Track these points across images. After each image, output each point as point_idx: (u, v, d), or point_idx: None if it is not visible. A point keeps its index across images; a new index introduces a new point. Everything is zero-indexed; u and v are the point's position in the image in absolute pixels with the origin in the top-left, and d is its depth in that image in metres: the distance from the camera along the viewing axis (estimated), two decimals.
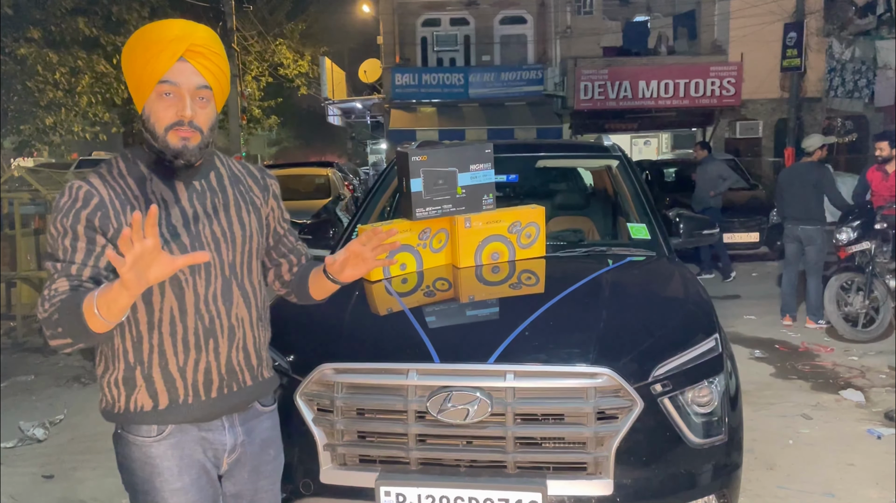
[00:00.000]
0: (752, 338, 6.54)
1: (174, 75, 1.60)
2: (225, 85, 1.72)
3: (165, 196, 1.67)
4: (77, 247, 1.57)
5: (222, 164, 1.83)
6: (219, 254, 1.71)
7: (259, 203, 1.84)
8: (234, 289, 1.73)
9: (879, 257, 6.43)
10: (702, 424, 2.39)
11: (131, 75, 1.65)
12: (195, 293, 1.66)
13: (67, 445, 4.37)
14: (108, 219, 1.60)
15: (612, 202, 4.43)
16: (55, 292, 1.51)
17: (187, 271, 1.65)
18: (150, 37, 1.62)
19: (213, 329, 1.69)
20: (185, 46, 1.60)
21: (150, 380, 1.66)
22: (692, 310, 2.74)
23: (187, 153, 1.63)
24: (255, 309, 1.78)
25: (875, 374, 5.44)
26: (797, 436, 4.29)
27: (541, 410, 2.26)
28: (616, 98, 17.43)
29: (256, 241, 1.81)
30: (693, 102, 17.40)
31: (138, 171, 1.68)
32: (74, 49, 12.65)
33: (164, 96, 1.60)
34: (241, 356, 1.75)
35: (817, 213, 6.86)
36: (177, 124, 1.61)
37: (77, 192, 1.61)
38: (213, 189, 1.74)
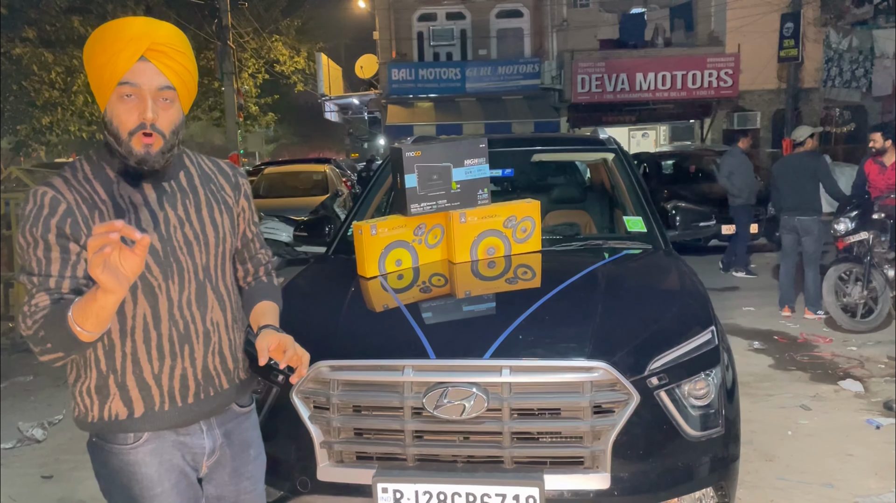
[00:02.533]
0: (750, 330, 6.54)
1: (135, 76, 1.52)
2: (191, 85, 1.64)
3: (134, 199, 1.61)
4: (51, 257, 1.52)
5: (192, 162, 1.76)
6: (191, 258, 1.66)
7: (231, 202, 1.79)
8: (209, 292, 1.69)
9: (877, 247, 6.42)
10: (699, 417, 2.38)
11: (92, 76, 1.57)
12: (168, 299, 1.62)
13: (66, 445, 4.37)
14: (78, 225, 1.54)
15: (609, 195, 4.43)
16: (36, 308, 1.47)
17: (160, 276, 1.60)
18: (109, 35, 1.54)
19: (188, 335, 1.65)
20: (145, 45, 1.52)
21: (125, 389, 1.62)
22: (688, 302, 2.74)
23: (151, 160, 1.57)
24: (229, 311, 1.75)
25: (874, 365, 5.44)
26: (796, 426, 4.29)
27: (537, 405, 2.25)
28: (613, 91, 17.42)
29: (230, 242, 1.76)
30: (690, 94, 17.39)
31: (104, 175, 1.61)
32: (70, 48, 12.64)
33: (125, 98, 1.53)
34: (216, 361, 1.72)
35: (813, 203, 6.86)
36: (139, 128, 1.54)
37: (42, 198, 1.54)
38: (183, 190, 1.69)
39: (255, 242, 1.90)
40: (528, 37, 20.70)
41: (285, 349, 1.67)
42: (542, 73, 18.47)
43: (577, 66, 17.34)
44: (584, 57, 17.58)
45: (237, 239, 1.82)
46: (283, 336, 1.69)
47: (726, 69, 17.13)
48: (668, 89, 17.34)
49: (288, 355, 1.66)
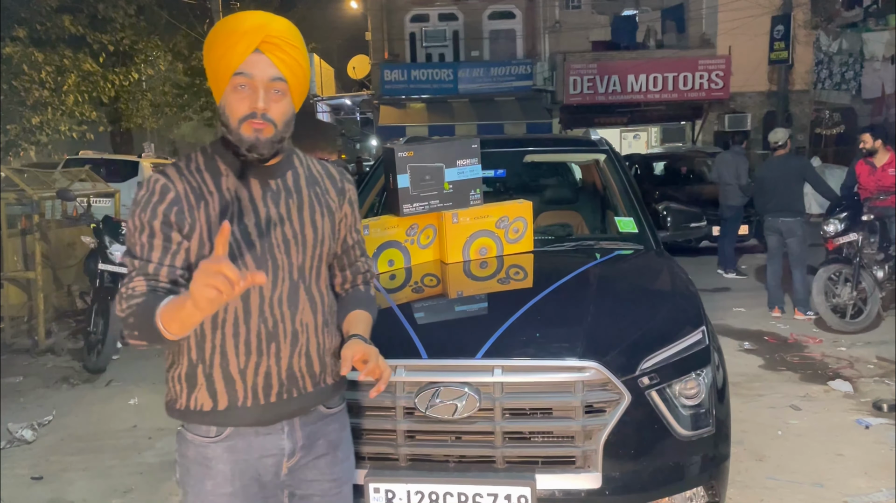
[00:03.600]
0: (741, 331, 6.58)
1: (248, 67, 1.56)
2: (303, 79, 1.66)
3: (240, 194, 1.64)
4: (154, 244, 1.56)
5: (301, 163, 1.77)
6: (288, 257, 1.66)
7: (334, 206, 1.78)
8: (301, 293, 1.68)
9: (867, 249, 6.47)
10: (689, 417, 2.39)
11: (209, 67, 1.62)
12: (261, 295, 1.63)
13: (56, 446, 4.35)
14: (183, 214, 1.58)
15: (600, 196, 4.44)
16: (132, 292, 1.52)
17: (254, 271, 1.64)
18: (226, 28, 1.59)
19: (276, 333, 1.65)
20: (260, 38, 1.57)
21: (211, 380, 1.64)
22: (679, 302, 2.75)
23: (260, 145, 1.58)
24: (321, 314, 1.73)
25: (863, 365, 5.48)
26: (786, 426, 4.31)
27: (529, 405, 2.26)
28: (605, 92, 17.47)
29: (328, 246, 1.75)
30: (682, 96, 17.46)
31: (215, 167, 1.65)
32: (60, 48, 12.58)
33: (239, 88, 1.57)
34: (302, 362, 1.69)
35: (796, 204, 6.92)
36: (250, 116, 1.57)
37: (154, 185, 1.59)
38: (288, 189, 1.70)
39: (356, 250, 1.89)
40: (521, 38, 20.73)
41: (367, 360, 1.65)
42: (535, 74, 18.50)
43: (570, 67, 17.38)
44: (576, 58, 17.63)
45: (337, 244, 1.81)
46: (369, 347, 1.68)
47: (717, 71, 17.21)
48: (660, 91, 17.40)
49: (369, 367, 1.64)
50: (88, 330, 5.79)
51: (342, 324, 1.81)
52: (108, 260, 5.91)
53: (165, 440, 4.38)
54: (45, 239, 6.57)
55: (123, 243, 5.96)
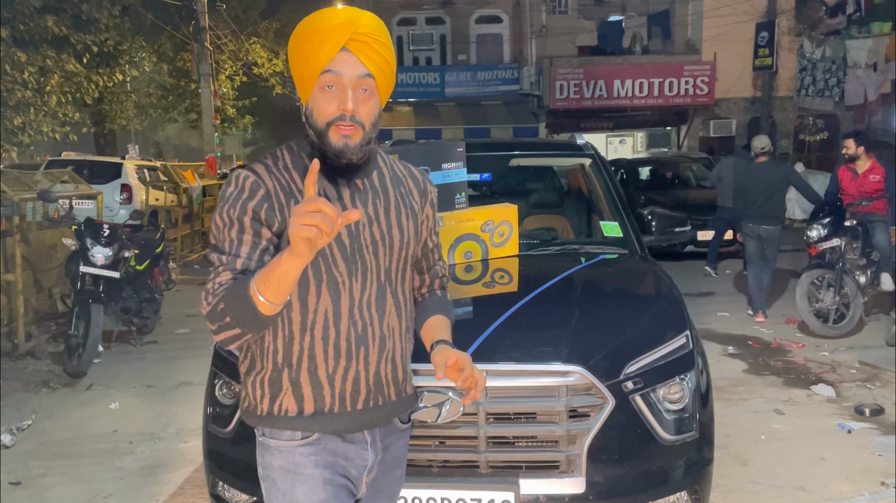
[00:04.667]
0: (725, 335, 6.61)
1: (337, 65, 1.51)
2: (390, 76, 1.61)
3: (328, 193, 1.58)
4: (243, 239, 1.51)
5: (385, 163, 1.72)
6: (376, 259, 1.60)
7: (417, 208, 1.72)
8: (388, 296, 1.63)
9: (849, 254, 6.52)
10: (673, 421, 2.39)
11: (295, 69, 1.57)
12: (350, 297, 1.57)
13: (35, 451, 4.29)
14: (273, 211, 1.53)
15: (586, 200, 4.44)
16: (219, 286, 1.46)
17: (345, 273, 1.56)
18: (313, 27, 1.54)
19: (365, 337, 1.58)
20: (347, 35, 1.51)
21: (297, 385, 1.57)
22: (663, 307, 2.75)
23: (349, 152, 1.53)
24: (404, 319, 1.67)
25: (845, 370, 5.51)
26: (769, 431, 4.33)
27: (513, 409, 2.25)
28: (591, 97, 17.54)
29: (412, 248, 1.69)
30: (667, 101, 17.57)
31: (302, 165, 1.59)
32: (43, 48, 12.45)
33: (327, 89, 1.51)
34: (388, 368, 1.63)
35: (778, 212, 6.98)
36: (338, 119, 1.51)
37: (244, 182, 1.55)
38: (374, 189, 1.64)
39: (435, 253, 1.85)
40: (508, 42, 20.78)
41: (461, 368, 1.59)
42: (521, 78, 18.55)
43: (556, 72, 17.43)
44: (562, 63, 17.69)
45: (419, 246, 1.76)
46: (461, 354, 1.61)
47: (703, 77, 17.33)
48: (646, 96, 17.49)
49: (465, 374, 1.58)
50: (69, 333, 5.73)
51: (420, 329, 1.77)
52: (89, 262, 5.85)
53: (146, 445, 4.33)
54: (26, 241, 6.49)
55: (105, 245, 5.90)
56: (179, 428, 4.56)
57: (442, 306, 1.82)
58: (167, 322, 7.40)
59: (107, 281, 5.94)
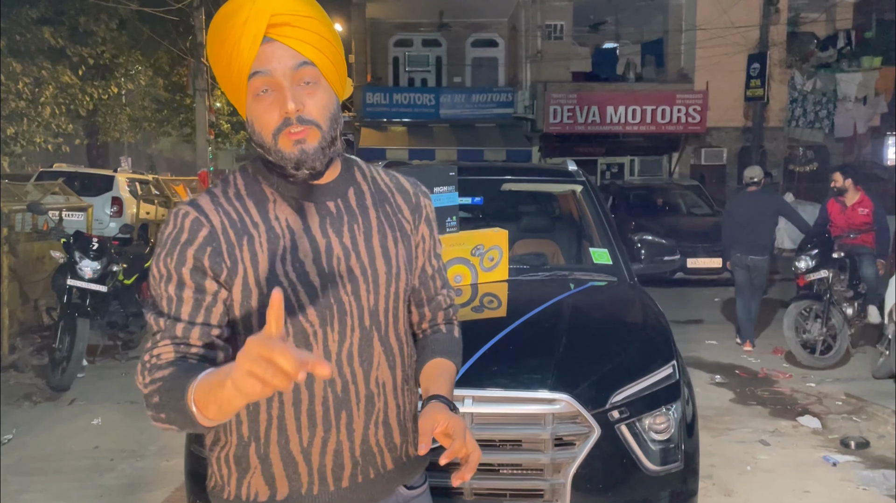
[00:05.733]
0: (712, 363, 6.61)
1: (262, 62, 1.22)
2: (334, 56, 1.29)
3: (291, 222, 1.29)
4: (183, 296, 1.24)
5: (364, 177, 1.41)
6: (356, 299, 1.31)
7: (409, 228, 1.42)
8: (376, 344, 1.33)
9: (837, 286, 6.56)
10: (658, 451, 2.39)
11: (221, 79, 1.29)
12: (325, 350, 1.29)
13: (15, 466, 4.23)
14: (219, 255, 1.24)
15: (577, 226, 4.46)
16: (157, 361, 1.20)
17: (316, 321, 1.27)
18: (224, 24, 1.24)
19: (347, 398, 1.30)
20: (264, 22, 1.21)
21: (267, 462, 1.30)
22: (651, 336, 2.76)
23: (308, 158, 1.24)
24: (399, 369, 1.38)
25: (832, 401, 5.52)
26: (755, 462, 4.32)
27: (498, 436, 2.24)
28: (584, 122, 17.64)
29: (404, 280, 1.38)
30: (659, 128, 17.70)
31: (259, 191, 1.31)
32: (39, 59, 12.47)
33: (262, 94, 1.23)
34: (380, 433, 1.34)
35: (766, 242, 7.03)
36: (284, 124, 1.23)
37: (182, 220, 1.25)
38: (351, 212, 1.34)
39: (436, 280, 1.51)
40: (503, 66, 20.94)
41: (452, 435, 1.27)
42: (516, 102, 18.67)
43: (550, 96, 17.57)
44: (556, 88, 17.82)
45: (414, 275, 1.45)
46: (453, 418, 1.29)
47: (695, 105, 17.48)
48: (638, 123, 17.62)
49: (453, 447, 1.26)
50: (53, 346, 5.67)
51: (420, 374, 1.46)
52: (77, 276, 5.81)
53: (127, 462, 4.28)
54: (13, 252, 6.45)
55: (93, 259, 5.87)
56: (162, 446, 4.51)
57: (445, 347, 1.50)
58: None
59: (94, 295, 5.90)
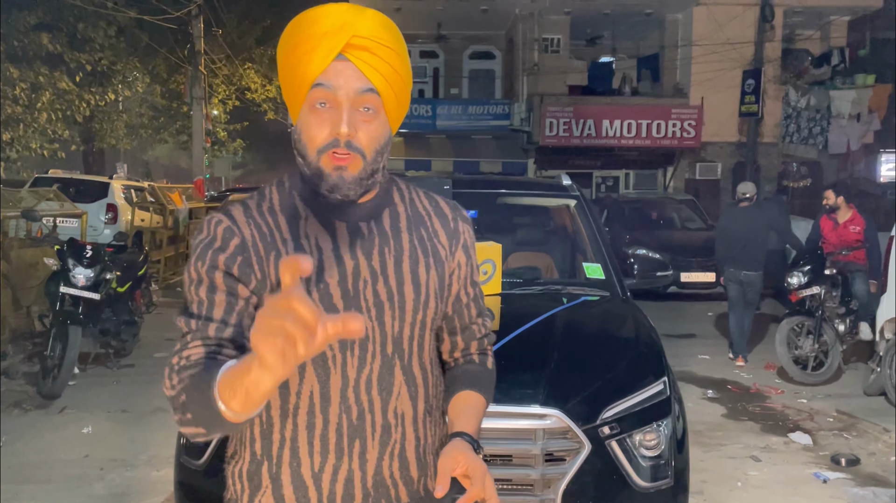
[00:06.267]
0: (705, 378, 6.62)
1: (330, 77, 1.19)
2: (401, 92, 1.27)
3: (321, 241, 1.27)
4: (215, 300, 1.22)
5: (402, 198, 1.37)
6: (380, 325, 1.27)
7: (444, 254, 1.36)
8: (397, 373, 1.28)
9: (829, 302, 6.59)
10: (649, 468, 2.39)
11: (283, 82, 1.28)
12: (343, 376, 1.24)
13: (4, 474, 4.20)
14: (249, 266, 1.24)
15: (570, 240, 4.48)
16: (186, 362, 1.16)
17: (336, 345, 1.23)
18: (301, 31, 1.22)
19: (362, 427, 1.26)
20: (344, 39, 1.19)
21: (278, 482, 1.27)
22: (642, 352, 2.77)
23: (344, 186, 1.22)
24: (422, 400, 1.32)
25: (823, 418, 5.54)
26: (746, 478, 4.33)
27: (489, 451, 2.24)
28: (580, 135, 17.70)
29: (433, 308, 1.32)
30: (655, 143, 17.77)
31: (292, 207, 1.30)
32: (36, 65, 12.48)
33: (318, 108, 1.21)
34: (395, 465, 1.29)
35: (759, 257, 7.05)
36: (331, 145, 1.21)
37: (215, 228, 1.26)
38: (383, 234, 1.30)
39: (472, 309, 1.44)
40: (500, 79, 21.04)
41: (472, 477, 1.23)
42: (512, 114, 18.73)
43: (546, 109, 17.63)
44: (553, 101, 17.89)
45: (446, 303, 1.38)
46: (474, 460, 1.24)
47: (690, 120, 17.56)
48: (634, 137, 17.69)
49: (471, 493, 1.21)
50: (45, 354, 5.65)
51: (448, 406, 1.40)
52: (70, 283, 5.80)
53: (117, 472, 4.26)
54: (7, 258, 6.44)
55: (86, 266, 5.86)
56: (152, 455, 4.50)
57: (476, 378, 1.43)
58: (146, 345, 7.32)
59: (86, 302, 5.89)
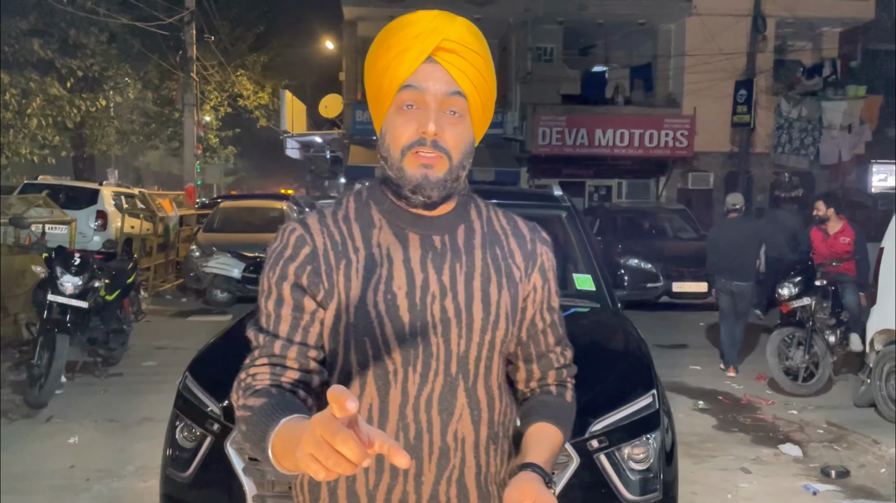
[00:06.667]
0: (696, 389, 6.61)
1: (419, 79, 1.20)
2: (486, 98, 1.27)
3: (392, 251, 1.24)
4: (281, 314, 1.21)
5: (479, 215, 1.35)
6: (446, 343, 1.22)
7: (518, 275, 1.31)
8: (460, 394, 1.24)
9: (819, 313, 6.60)
10: (638, 481, 2.38)
11: (370, 87, 1.27)
12: (403, 392, 1.21)
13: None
14: (318, 276, 1.22)
15: (561, 251, 4.47)
16: (252, 381, 1.17)
17: (398, 359, 1.21)
18: (393, 35, 1.23)
19: (419, 447, 1.21)
20: (435, 42, 1.19)
21: (335, 497, 1.25)
22: (631, 364, 2.76)
23: (428, 186, 1.20)
24: (485, 426, 1.27)
25: (813, 429, 5.53)
26: (736, 490, 4.31)
27: None
28: (573, 144, 17.76)
29: (504, 330, 1.27)
30: (647, 152, 17.84)
31: (367, 216, 1.27)
32: (27, 70, 12.45)
33: (405, 109, 1.21)
34: (453, 491, 1.24)
35: (750, 268, 7.06)
36: (417, 143, 1.20)
37: (288, 237, 1.25)
38: (456, 249, 1.27)
39: (548, 335, 1.38)
40: None
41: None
42: (505, 123, 18.76)
43: (539, 118, 17.69)
44: (546, 110, 17.94)
45: (519, 327, 1.34)
46: (543, 493, 1.17)
47: (682, 130, 17.65)
48: (626, 146, 17.75)
49: None
50: (32, 362, 5.60)
51: (522, 438, 1.34)
52: (57, 291, 5.75)
53: (103, 482, 4.22)
54: None
55: (75, 274, 5.82)
56: (139, 466, 4.45)
57: (552, 411, 1.36)
58: (135, 354, 7.27)
59: (74, 310, 5.84)
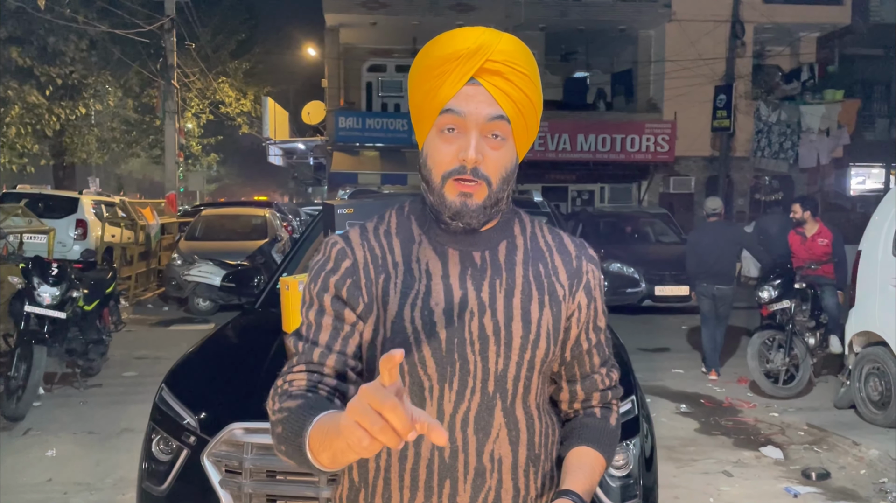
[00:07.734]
0: (678, 393, 6.65)
1: (460, 102, 1.16)
2: (531, 119, 1.24)
3: (431, 266, 1.23)
4: (322, 323, 1.22)
5: (522, 231, 1.31)
6: (483, 360, 1.20)
7: (561, 294, 1.27)
8: (497, 413, 1.21)
9: (799, 316, 6.66)
10: (618, 488, 2.38)
11: (413, 104, 1.25)
12: (439, 409, 1.19)
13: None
14: (358, 289, 1.22)
15: None
16: (289, 387, 1.16)
17: (434, 376, 1.19)
18: (435, 55, 1.19)
19: (454, 467, 1.19)
20: (478, 63, 1.16)
21: None
22: None
23: (467, 214, 1.18)
24: (524, 447, 1.24)
25: (794, 432, 5.57)
26: (718, 493, 4.33)
27: None
28: (556, 150, 17.84)
29: (545, 350, 1.24)
30: (629, 157, 17.95)
31: (408, 231, 1.27)
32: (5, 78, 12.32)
33: (446, 132, 1.18)
34: None
35: (730, 271, 7.12)
36: (457, 171, 1.17)
37: (330, 249, 1.26)
38: (496, 266, 1.25)
39: (594, 356, 1.33)
40: None
41: None
42: None
43: None
44: None
45: (562, 347, 1.29)
46: None
47: (663, 135, 17.78)
48: (608, 151, 17.86)
49: None
50: (9, 374, 5.52)
51: (563, 461, 1.30)
52: (35, 302, 5.69)
53: (80, 496, 4.16)
54: None
55: (52, 285, 5.75)
56: (118, 478, 4.40)
57: (595, 434, 1.32)
58: (114, 364, 7.20)
59: (52, 321, 5.78)
